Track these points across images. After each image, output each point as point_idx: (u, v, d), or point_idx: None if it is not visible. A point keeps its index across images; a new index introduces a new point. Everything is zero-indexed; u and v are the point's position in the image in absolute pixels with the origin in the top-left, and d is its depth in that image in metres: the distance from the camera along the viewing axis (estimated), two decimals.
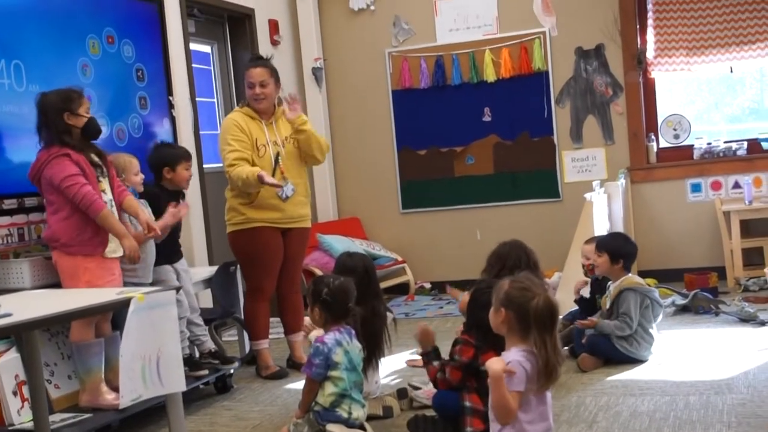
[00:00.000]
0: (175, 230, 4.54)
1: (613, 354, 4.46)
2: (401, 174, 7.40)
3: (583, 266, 4.94)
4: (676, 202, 6.78)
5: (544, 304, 2.77)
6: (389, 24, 7.31)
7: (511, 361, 2.76)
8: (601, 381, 4.24)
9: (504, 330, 2.86)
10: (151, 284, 4.24)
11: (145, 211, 4.17)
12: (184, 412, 3.66)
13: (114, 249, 3.97)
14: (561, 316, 4.92)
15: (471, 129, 7.15)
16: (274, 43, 7.01)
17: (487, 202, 7.18)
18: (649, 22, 6.71)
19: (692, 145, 6.83)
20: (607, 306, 4.59)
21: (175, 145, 5.04)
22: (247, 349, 5.14)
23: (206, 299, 5.50)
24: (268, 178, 4.57)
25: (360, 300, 3.80)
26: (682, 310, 5.59)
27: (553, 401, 3.04)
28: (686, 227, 6.76)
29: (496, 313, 2.86)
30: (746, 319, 5.14)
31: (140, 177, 4.35)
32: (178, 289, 3.58)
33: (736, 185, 6.61)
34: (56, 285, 3.98)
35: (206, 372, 4.45)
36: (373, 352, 4.02)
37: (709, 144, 6.79)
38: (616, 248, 4.63)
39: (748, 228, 6.48)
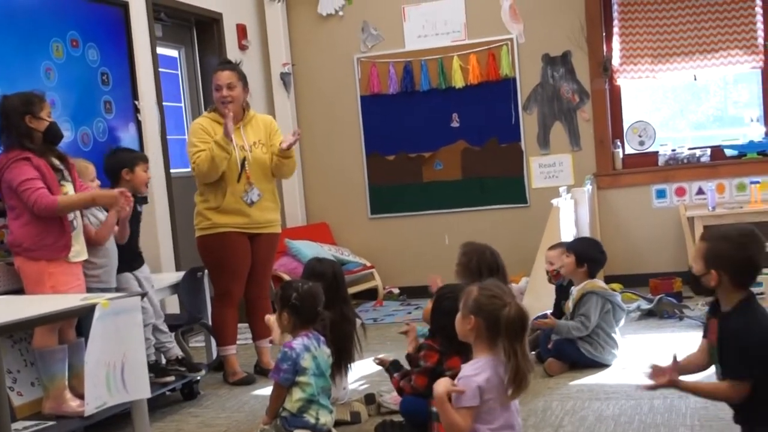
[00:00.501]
0: (134, 236, 4.51)
1: (579, 358, 4.50)
2: (370, 179, 7.40)
3: (547, 272, 4.98)
4: (641, 208, 6.86)
5: (516, 313, 2.74)
6: (358, 30, 7.31)
7: (461, 378, 2.76)
8: (567, 385, 4.27)
9: (471, 337, 2.82)
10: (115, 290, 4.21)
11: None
12: (151, 418, 3.63)
13: (78, 252, 3.94)
14: None
15: (439, 135, 7.18)
16: (242, 48, 6.99)
17: (455, 208, 7.20)
18: (615, 29, 6.78)
19: (657, 152, 6.91)
20: (570, 309, 4.63)
21: (131, 149, 5.00)
22: (214, 355, 5.11)
23: (173, 305, 5.46)
24: (229, 126, 4.59)
25: (329, 305, 3.80)
26: (648, 314, 5.65)
27: (520, 406, 3.06)
28: (651, 233, 6.83)
29: (464, 320, 2.82)
30: None
31: (96, 183, 4.31)
32: (143, 296, 3.55)
33: (700, 191, 6.70)
34: (19, 291, 3.93)
35: (172, 378, 4.41)
36: (342, 357, 4.02)
37: (673, 150, 6.87)
38: (584, 252, 4.67)
39: None
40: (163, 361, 4.53)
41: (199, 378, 4.61)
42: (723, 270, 2.61)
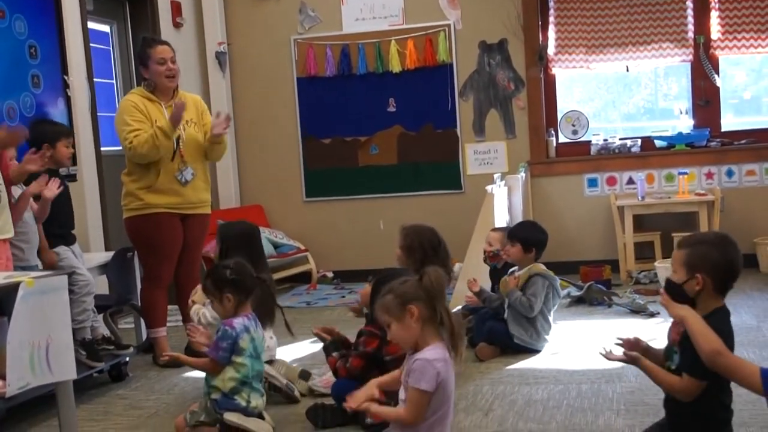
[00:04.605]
0: (68, 213, 4.40)
1: (510, 344, 4.53)
2: (305, 162, 7.35)
3: (485, 252, 5.00)
4: (573, 196, 6.96)
5: (434, 275, 2.68)
6: (295, 11, 7.24)
7: (418, 359, 2.64)
8: (498, 370, 4.32)
9: (417, 331, 2.66)
10: (55, 266, 4.12)
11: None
12: (77, 400, 3.55)
13: (0, 228, 3.80)
14: (460, 307, 5.01)
15: (375, 119, 7.16)
16: (177, 25, 6.85)
17: (390, 193, 7.20)
18: (551, 19, 6.86)
19: (590, 141, 7.02)
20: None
21: (55, 122, 4.86)
22: (144, 337, 5.03)
23: (102, 286, 5.34)
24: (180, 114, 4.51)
25: (262, 265, 3.91)
26: (577, 301, 5.75)
27: None
28: (583, 221, 6.94)
29: (405, 322, 2.67)
30: (637, 311, 5.32)
31: (14, 163, 4.13)
32: (70, 274, 3.46)
33: (630, 181, 6.84)
34: None
35: (102, 364, 4.32)
36: (265, 315, 3.93)
37: (605, 140, 6.99)
38: (528, 237, 4.66)
39: (641, 223, 6.70)
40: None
41: (127, 359, 4.53)
42: (707, 273, 2.59)
